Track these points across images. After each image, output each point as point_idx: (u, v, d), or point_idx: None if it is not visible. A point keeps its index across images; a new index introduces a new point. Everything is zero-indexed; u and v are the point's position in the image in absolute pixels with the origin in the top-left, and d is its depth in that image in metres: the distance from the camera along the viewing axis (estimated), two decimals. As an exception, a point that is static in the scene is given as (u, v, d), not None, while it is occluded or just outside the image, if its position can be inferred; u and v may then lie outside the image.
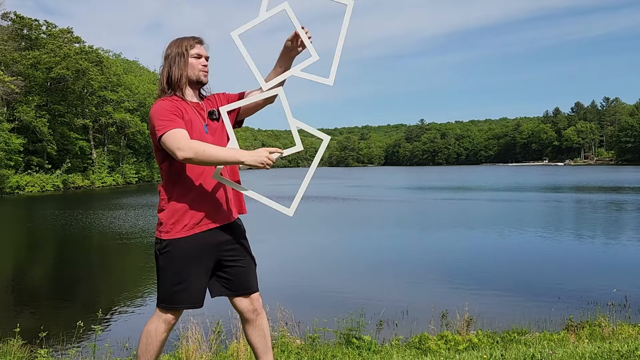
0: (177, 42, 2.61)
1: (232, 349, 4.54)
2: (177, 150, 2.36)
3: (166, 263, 2.51)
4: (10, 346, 4.91)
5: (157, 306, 2.59)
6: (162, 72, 2.61)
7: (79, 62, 47.14)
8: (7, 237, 18.35)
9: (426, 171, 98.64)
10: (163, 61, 2.62)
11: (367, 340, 4.99)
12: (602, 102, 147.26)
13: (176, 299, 2.52)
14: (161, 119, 2.44)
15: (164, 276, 2.53)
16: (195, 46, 2.60)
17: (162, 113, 2.46)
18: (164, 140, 2.40)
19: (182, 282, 2.50)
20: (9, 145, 40.95)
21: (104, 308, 7.59)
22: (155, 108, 2.51)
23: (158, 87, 2.64)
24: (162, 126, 2.42)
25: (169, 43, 2.65)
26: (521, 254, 12.34)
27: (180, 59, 2.57)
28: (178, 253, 2.49)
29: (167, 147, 2.41)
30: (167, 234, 2.49)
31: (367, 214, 22.70)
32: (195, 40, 2.61)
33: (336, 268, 11.32)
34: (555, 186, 40.93)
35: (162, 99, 2.55)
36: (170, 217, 2.49)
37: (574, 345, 4.47)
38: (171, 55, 2.58)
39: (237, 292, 2.64)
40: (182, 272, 2.50)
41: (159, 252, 2.53)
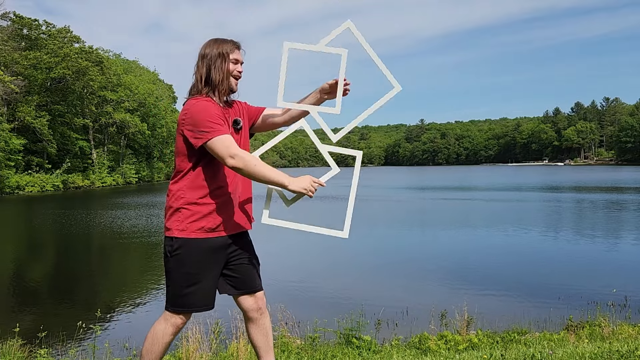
0: (218, 43, 2.57)
1: (232, 349, 4.54)
2: (228, 157, 2.36)
3: (177, 264, 2.46)
4: (10, 346, 4.91)
5: (166, 309, 2.54)
6: (198, 71, 2.55)
7: (79, 62, 47.16)
8: (7, 237, 18.35)
9: (426, 171, 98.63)
10: (199, 60, 2.56)
11: (367, 340, 4.98)
12: (602, 102, 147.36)
13: (186, 302, 2.49)
14: (211, 121, 2.40)
15: (175, 278, 2.49)
16: (234, 51, 2.58)
17: (211, 115, 2.42)
18: (215, 144, 2.37)
19: (193, 285, 2.47)
20: (9, 145, 40.96)
21: (104, 308, 7.60)
22: (200, 107, 2.43)
23: (193, 84, 2.57)
24: (212, 129, 2.38)
25: (206, 42, 2.60)
26: (521, 254, 12.33)
27: (222, 61, 2.53)
28: (190, 254, 2.45)
29: (216, 152, 2.38)
30: (182, 232, 2.45)
31: (367, 214, 22.70)
32: (235, 45, 2.59)
33: (336, 268, 11.32)
34: (555, 186, 40.93)
35: (203, 98, 2.48)
36: (189, 216, 2.45)
37: (574, 345, 4.47)
38: (210, 55, 2.53)
39: (242, 290, 2.63)
40: (193, 274, 2.47)
41: (169, 253, 2.47)
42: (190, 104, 2.47)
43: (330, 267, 11.43)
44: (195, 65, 2.58)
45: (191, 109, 2.44)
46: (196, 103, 2.45)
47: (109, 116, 54.77)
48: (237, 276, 2.61)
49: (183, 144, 2.47)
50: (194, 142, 2.42)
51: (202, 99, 2.47)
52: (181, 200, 2.47)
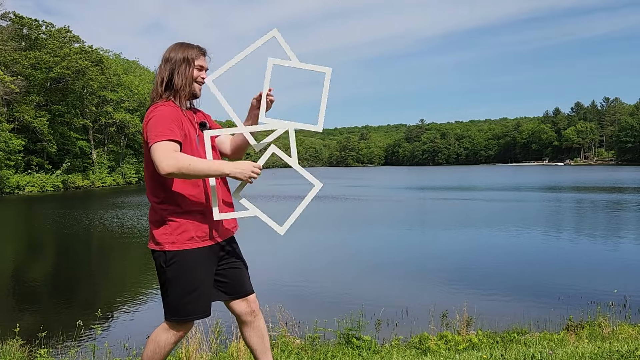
0: (183, 48, 2.52)
1: (232, 349, 4.54)
2: (162, 163, 2.27)
3: (175, 275, 2.43)
4: (10, 346, 4.91)
5: (167, 320, 2.51)
6: (160, 74, 2.50)
7: (79, 62, 47.16)
8: (7, 237, 18.35)
9: (426, 171, 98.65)
10: (162, 63, 2.52)
11: (367, 340, 4.98)
12: (602, 102, 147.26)
13: (188, 311, 2.47)
14: (159, 127, 2.34)
15: (174, 288, 2.44)
16: (200, 57, 2.54)
17: (163, 122, 2.36)
18: (154, 150, 2.31)
19: (193, 293, 2.45)
20: (9, 145, 40.97)
21: (104, 308, 7.59)
22: (157, 115, 2.39)
23: (153, 89, 2.53)
24: (157, 134, 2.33)
25: (172, 46, 2.55)
26: (521, 254, 12.33)
27: (186, 66, 2.49)
28: (186, 264, 2.43)
29: (152, 159, 2.32)
30: (173, 245, 2.41)
31: (367, 214, 22.70)
32: (200, 51, 2.55)
33: (336, 268, 11.32)
34: (555, 186, 40.93)
35: (163, 104, 2.44)
36: (175, 228, 2.42)
37: (574, 345, 4.47)
38: (175, 59, 2.49)
39: (234, 294, 2.62)
40: (192, 282, 2.44)
41: (164, 264, 2.43)
42: (149, 110, 2.43)
43: (330, 267, 11.43)
44: (158, 68, 2.54)
45: (149, 116, 2.40)
46: (152, 110, 2.41)
47: (109, 116, 54.76)
48: (228, 281, 2.60)
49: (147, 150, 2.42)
50: (145, 148, 2.39)
51: (159, 105, 2.42)
52: (165, 212, 2.43)
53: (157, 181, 2.45)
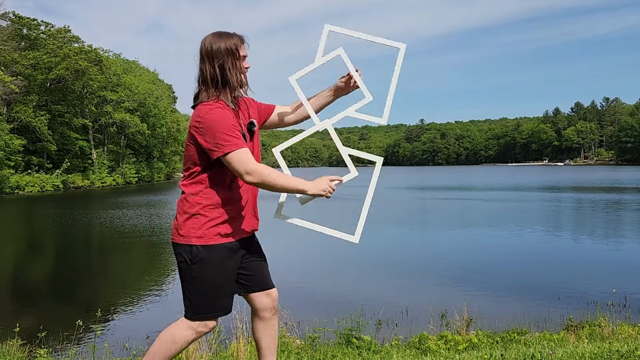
0: (225, 38, 2.38)
1: (232, 349, 4.54)
2: (245, 173, 2.30)
3: (200, 271, 2.37)
4: (10, 346, 4.90)
5: (189, 317, 2.43)
6: (206, 71, 2.37)
7: (79, 62, 47.16)
8: (7, 237, 18.35)
9: (426, 171, 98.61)
10: (206, 59, 2.37)
11: (367, 340, 4.98)
12: (602, 102, 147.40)
13: (213, 308, 2.43)
14: (228, 134, 2.29)
15: (198, 285, 2.38)
16: (242, 47, 2.42)
17: (228, 126, 2.30)
18: (232, 159, 2.29)
19: (219, 289, 2.41)
20: (8, 145, 40.98)
21: (104, 308, 7.59)
22: (216, 116, 2.30)
23: (202, 86, 2.40)
24: (229, 142, 2.28)
25: (210, 36, 2.40)
26: (521, 254, 12.33)
27: (233, 59, 2.37)
28: (212, 260, 2.38)
29: (232, 166, 2.30)
30: (200, 239, 2.37)
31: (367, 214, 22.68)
32: (241, 40, 2.43)
33: (336, 268, 11.32)
34: (555, 186, 40.93)
35: (216, 104, 2.33)
36: (205, 222, 2.38)
37: (574, 345, 4.46)
38: (219, 51, 2.35)
39: (257, 287, 2.58)
40: (217, 279, 2.40)
41: (189, 260, 2.37)
42: (203, 111, 2.32)
43: (330, 267, 11.43)
44: (201, 65, 2.40)
45: (206, 118, 2.30)
46: (210, 111, 2.31)
47: (109, 116, 54.75)
48: (252, 274, 2.57)
49: (196, 150, 2.38)
50: (210, 154, 2.33)
51: (215, 106, 2.32)
52: (197, 206, 2.38)
53: (197, 175, 2.41)
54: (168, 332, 2.45)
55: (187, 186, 2.44)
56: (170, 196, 35.79)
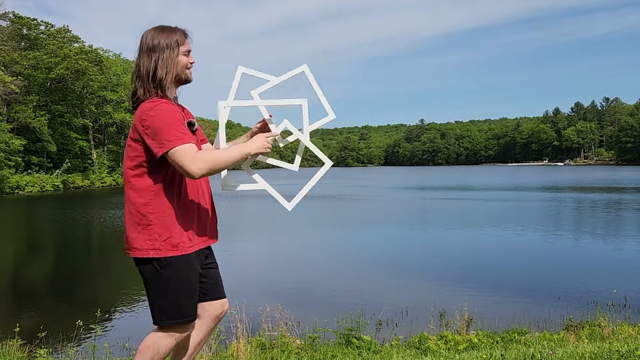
0: (166, 33, 2.33)
1: (231, 349, 4.54)
2: (191, 166, 2.19)
3: (169, 278, 2.30)
4: (10, 346, 4.90)
5: (164, 325, 2.36)
6: (143, 65, 2.30)
7: (79, 62, 47.18)
8: (7, 237, 18.35)
9: (426, 171, 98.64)
10: (145, 52, 2.31)
11: (367, 340, 4.98)
12: (602, 102, 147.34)
13: (186, 312, 2.36)
14: (174, 129, 2.21)
15: (169, 291, 2.32)
16: (185, 42, 2.36)
17: (174, 121, 2.23)
18: (176, 154, 2.19)
19: (189, 294, 2.36)
20: (9, 146, 41.00)
21: (104, 308, 7.59)
22: (163, 112, 2.23)
23: (137, 82, 2.32)
24: (175, 137, 2.20)
25: (151, 31, 2.34)
26: (521, 254, 12.33)
27: (171, 54, 2.31)
28: (180, 266, 2.31)
29: (178, 162, 2.20)
30: (158, 252, 2.27)
31: (366, 214, 22.70)
32: (184, 34, 2.37)
33: (336, 268, 11.32)
34: (555, 186, 40.93)
35: (164, 101, 2.28)
36: (161, 233, 2.28)
37: (574, 345, 4.46)
38: (159, 47, 2.30)
39: (213, 295, 2.52)
40: (187, 284, 2.36)
41: (159, 267, 2.28)
42: (148, 107, 2.24)
43: (330, 267, 11.43)
44: (139, 59, 2.32)
45: (151, 114, 2.21)
46: (155, 107, 2.23)
47: (109, 116, 54.77)
48: (211, 281, 2.51)
49: (142, 151, 2.27)
50: (155, 151, 2.22)
51: (160, 102, 2.26)
52: (150, 215, 2.27)
53: (147, 181, 2.29)
54: (147, 342, 2.40)
55: (136, 194, 2.30)
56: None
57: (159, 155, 2.22)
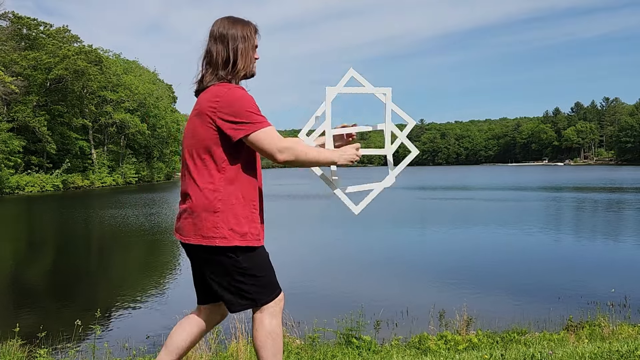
0: (242, 25, 2.32)
1: (231, 349, 4.54)
2: (277, 152, 2.17)
3: (254, 258, 2.28)
4: (10, 346, 4.90)
5: (266, 303, 2.30)
6: (217, 52, 2.26)
7: (78, 63, 47.18)
8: (7, 237, 18.35)
9: (426, 171, 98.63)
10: (219, 40, 2.28)
11: (367, 340, 4.98)
12: (602, 102, 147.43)
13: (276, 280, 2.37)
14: (254, 112, 2.17)
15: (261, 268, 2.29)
16: (255, 36, 2.35)
17: (252, 104, 2.19)
18: (260, 137, 2.16)
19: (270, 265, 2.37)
20: (8, 146, 41.01)
21: (104, 308, 7.59)
22: (238, 95, 2.18)
23: (207, 68, 2.28)
24: (258, 120, 2.16)
25: (225, 20, 2.33)
26: (521, 254, 12.33)
27: (248, 45, 2.30)
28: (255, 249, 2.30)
29: (261, 145, 2.17)
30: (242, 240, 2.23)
31: (366, 214, 22.68)
32: (255, 29, 2.36)
33: (336, 268, 11.31)
34: (555, 186, 40.93)
35: (236, 85, 2.24)
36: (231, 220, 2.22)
37: (573, 345, 4.46)
38: (235, 36, 2.27)
39: None
40: (266, 257, 2.36)
41: (237, 255, 2.23)
42: (222, 90, 2.19)
43: (329, 267, 11.42)
44: (213, 46, 2.28)
45: (226, 97, 2.16)
46: (230, 90, 2.19)
47: (109, 116, 54.78)
48: None
49: (214, 136, 2.19)
50: (232, 134, 2.16)
51: (234, 86, 2.23)
52: (219, 201, 2.20)
53: (213, 165, 2.21)
54: (263, 334, 2.30)
55: (205, 181, 2.22)
56: (170, 196, 35.79)
57: (236, 139, 2.17)
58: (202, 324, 2.46)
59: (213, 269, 2.29)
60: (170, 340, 2.42)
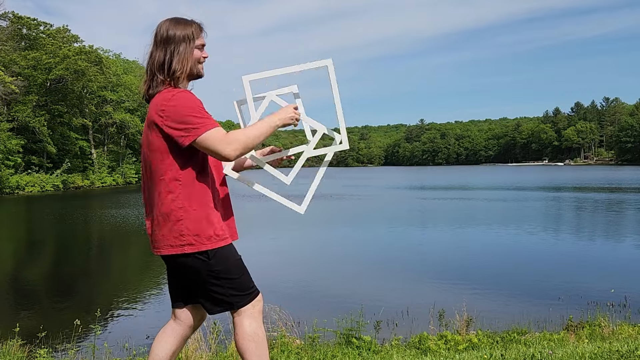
0: (182, 25, 2.28)
1: (231, 349, 4.54)
2: (227, 149, 2.15)
3: (225, 260, 2.26)
4: (10, 346, 4.90)
5: (244, 305, 2.30)
6: (157, 56, 2.25)
7: (78, 63, 47.18)
8: (7, 237, 18.35)
9: (426, 171, 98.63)
10: (160, 44, 2.26)
11: (367, 340, 4.98)
12: (602, 102, 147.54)
13: (252, 280, 2.36)
14: (197, 115, 2.15)
15: (234, 270, 2.28)
16: (200, 35, 2.32)
17: (196, 107, 2.17)
18: (207, 139, 2.14)
19: (244, 267, 2.35)
20: (7, 145, 41.02)
21: (104, 308, 7.59)
22: (183, 99, 2.16)
23: (149, 74, 2.27)
24: (203, 123, 2.14)
25: (166, 22, 2.29)
26: (521, 254, 12.33)
27: (186, 46, 2.26)
28: (225, 250, 2.28)
29: (209, 146, 2.15)
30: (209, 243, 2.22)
31: (366, 214, 22.69)
32: (199, 28, 2.32)
33: (336, 268, 11.31)
34: (555, 186, 40.93)
35: (179, 89, 2.22)
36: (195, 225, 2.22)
37: (574, 345, 4.46)
38: (174, 38, 2.24)
39: None
40: (239, 259, 2.34)
41: (208, 258, 2.22)
42: (166, 97, 2.17)
43: (329, 267, 11.42)
44: (154, 51, 2.27)
45: (170, 103, 2.15)
46: (174, 96, 2.17)
47: (109, 116, 54.80)
48: None
49: (163, 143, 2.19)
50: (180, 141, 2.15)
51: (177, 90, 2.20)
52: (181, 209, 2.20)
53: (174, 175, 2.21)
54: (245, 338, 2.30)
55: (160, 189, 2.22)
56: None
57: (185, 145, 2.16)
58: (180, 332, 2.44)
59: (187, 275, 2.32)
60: (152, 356, 2.39)
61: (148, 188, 2.30)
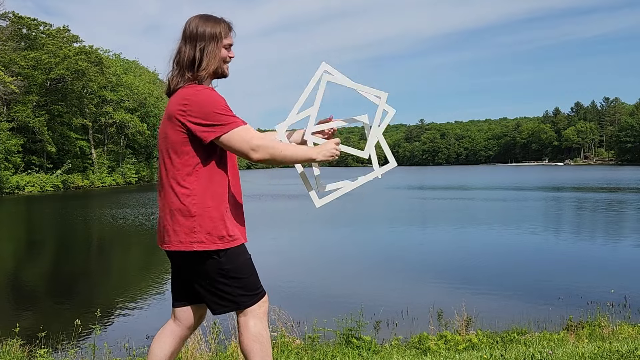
0: (212, 23, 2.26)
1: (231, 349, 4.54)
2: (251, 151, 2.14)
3: (236, 259, 2.26)
4: (10, 346, 4.90)
5: (251, 305, 2.28)
6: (185, 52, 2.24)
7: (78, 63, 47.19)
8: (7, 237, 18.35)
9: (426, 171, 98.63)
10: (188, 40, 2.24)
11: (367, 340, 4.98)
12: (602, 102, 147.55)
13: (260, 282, 2.36)
14: (223, 112, 2.13)
15: (244, 270, 2.29)
16: (228, 35, 2.29)
17: (222, 105, 2.15)
18: (233, 138, 2.13)
19: (253, 267, 2.35)
20: (7, 145, 41.02)
21: (103, 308, 7.59)
22: (206, 95, 2.14)
23: (174, 68, 2.26)
24: (229, 120, 2.13)
25: (196, 19, 2.27)
26: (521, 254, 12.33)
27: (215, 45, 2.24)
28: (236, 249, 2.27)
29: (234, 146, 2.14)
30: (221, 243, 2.20)
31: (366, 213, 22.69)
32: (228, 27, 2.30)
33: (336, 268, 11.31)
34: (555, 186, 40.94)
35: (204, 86, 2.20)
36: (208, 224, 2.20)
37: (573, 345, 4.46)
38: (203, 35, 2.22)
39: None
40: (249, 258, 2.34)
41: (219, 257, 2.21)
42: (190, 92, 2.16)
43: (329, 267, 11.42)
44: (181, 45, 2.26)
45: (194, 99, 2.13)
46: (198, 92, 2.15)
47: (109, 116, 54.83)
48: None
49: (185, 139, 2.16)
50: (203, 137, 2.13)
51: (202, 87, 2.19)
52: (194, 205, 2.17)
53: (185, 168, 2.19)
54: (250, 338, 2.28)
55: (175, 184, 2.19)
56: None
57: (207, 141, 2.14)
58: (179, 333, 2.42)
59: (194, 273, 2.29)
60: (151, 356, 2.37)
61: (163, 182, 2.26)
